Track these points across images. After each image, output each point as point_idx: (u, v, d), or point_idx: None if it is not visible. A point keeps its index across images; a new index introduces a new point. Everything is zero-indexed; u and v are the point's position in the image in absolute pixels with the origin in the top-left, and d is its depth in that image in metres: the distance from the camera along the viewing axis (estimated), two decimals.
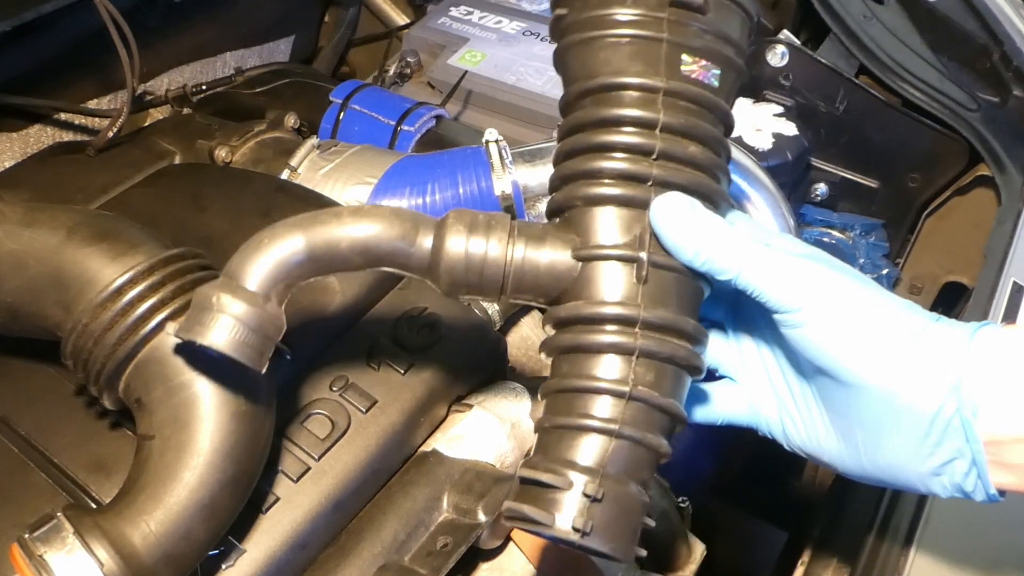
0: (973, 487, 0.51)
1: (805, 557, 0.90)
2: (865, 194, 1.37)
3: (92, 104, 1.17)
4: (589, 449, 0.50)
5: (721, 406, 0.61)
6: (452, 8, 1.44)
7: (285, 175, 0.95)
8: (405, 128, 1.08)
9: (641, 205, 0.52)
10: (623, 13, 0.53)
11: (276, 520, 0.65)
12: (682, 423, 0.53)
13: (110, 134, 1.01)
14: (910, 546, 0.74)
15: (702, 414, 0.62)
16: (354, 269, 0.55)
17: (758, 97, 1.31)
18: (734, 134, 1.21)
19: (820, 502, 1.00)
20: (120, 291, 0.58)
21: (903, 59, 1.27)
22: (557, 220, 0.56)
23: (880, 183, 1.36)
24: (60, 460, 0.66)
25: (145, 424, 0.58)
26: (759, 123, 1.24)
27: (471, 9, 1.44)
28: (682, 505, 0.86)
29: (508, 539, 0.74)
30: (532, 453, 0.53)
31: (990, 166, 1.20)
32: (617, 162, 0.53)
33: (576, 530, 0.49)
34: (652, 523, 0.52)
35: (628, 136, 0.52)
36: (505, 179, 0.89)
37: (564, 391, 0.52)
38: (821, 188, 1.38)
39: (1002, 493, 0.52)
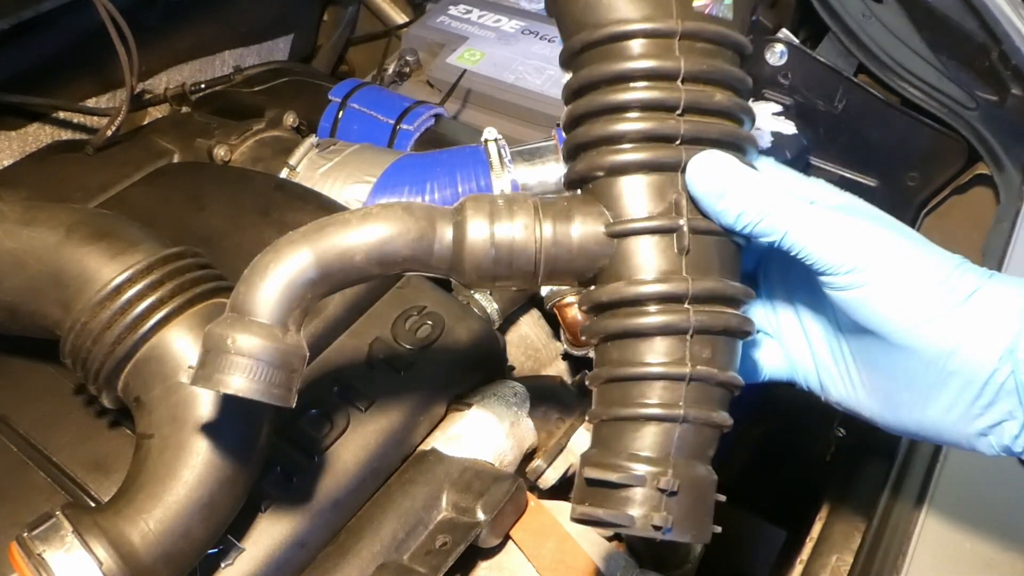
0: (1022, 447, 0.49)
1: (804, 555, 0.90)
2: (864, 193, 1.36)
3: (91, 103, 1.17)
4: (654, 439, 0.47)
5: (763, 362, 0.59)
6: (451, 7, 1.44)
7: (284, 174, 0.95)
8: (404, 127, 1.08)
9: (672, 168, 0.48)
10: None
11: (275, 519, 0.65)
12: (740, 389, 0.50)
13: (109, 133, 1.01)
14: (909, 545, 0.74)
15: (745, 372, 0.57)
16: (374, 279, 0.51)
17: (757, 96, 1.31)
18: None
19: (819, 501, 1.00)
20: (119, 290, 0.58)
21: (902, 58, 1.27)
22: (579, 192, 0.51)
23: (879, 182, 1.36)
24: (59, 459, 0.66)
25: (144, 423, 0.58)
26: (758, 122, 1.24)
27: (470, 8, 1.43)
28: None
29: (507, 538, 0.74)
30: (591, 447, 0.50)
31: (989, 165, 1.20)
32: (640, 122, 0.48)
33: (656, 527, 0.46)
34: (723, 498, 0.49)
35: (648, 92, 0.47)
36: (504, 178, 0.89)
37: (617, 379, 0.49)
38: None
39: None
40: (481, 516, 0.69)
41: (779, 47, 1.31)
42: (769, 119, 1.25)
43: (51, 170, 1.02)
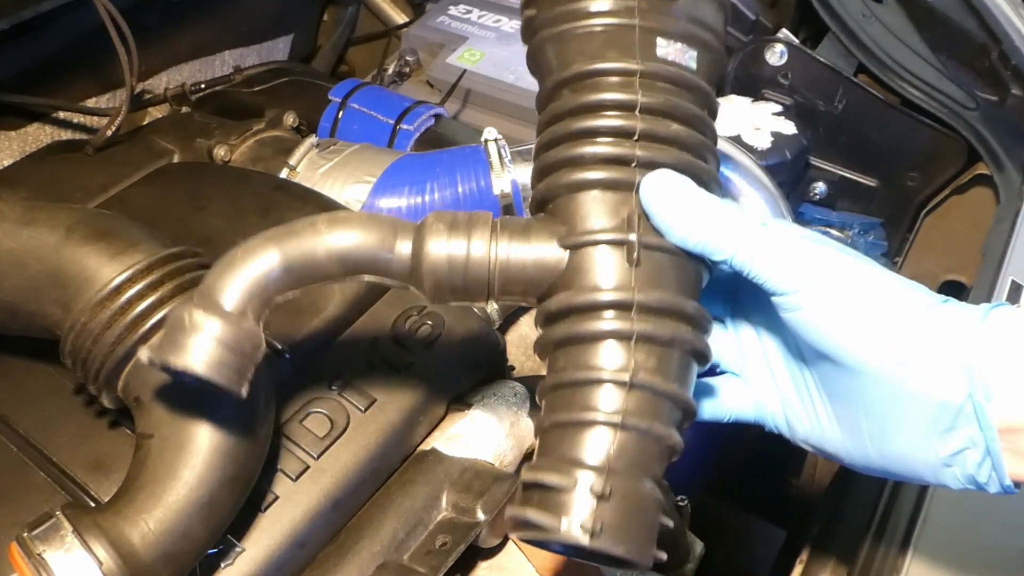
0: (987, 478, 0.48)
1: (804, 556, 0.90)
2: (864, 193, 1.37)
3: (91, 103, 1.16)
4: (593, 444, 0.47)
5: (727, 402, 0.59)
6: (451, 7, 1.44)
7: (284, 174, 0.95)
8: (404, 127, 1.08)
9: (627, 187, 0.50)
10: (594, 4, 0.52)
11: (275, 519, 0.65)
12: (691, 413, 0.50)
13: (109, 133, 1.01)
14: (908, 545, 0.74)
15: (709, 411, 0.59)
16: (335, 280, 0.52)
17: (757, 96, 1.31)
18: (732, 133, 1.22)
19: (819, 501, 1.00)
20: (119, 290, 0.58)
21: (902, 58, 1.27)
22: (542, 214, 0.53)
23: (879, 182, 1.36)
24: (59, 459, 0.66)
25: (144, 423, 0.58)
26: (758, 122, 1.24)
27: (470, 8, 1.44)
28: (681, 504, 0.86)
29: (507, 538, 0.74)
30: (535, 457, 0.50)
31: (988, 165, 1.20)
32: (598, 146, 0.51)
33: (585, 531, 0.45)
34: (670, 523, 0.48)
35: (607, 119, 0.51)
36: (504, 178, 0.89)
37: (561, 386, 0.49)
38: (820, 187, 1.38)
39: (1018, 485, 0.48)
40: (481, 516, 0.69)
41: (779, 47, 1.31)
42: (769, 119, 1.25)
43: (51, 170, 1.02)
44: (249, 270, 0.51)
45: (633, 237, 0.49)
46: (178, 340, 0.49)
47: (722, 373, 0.61)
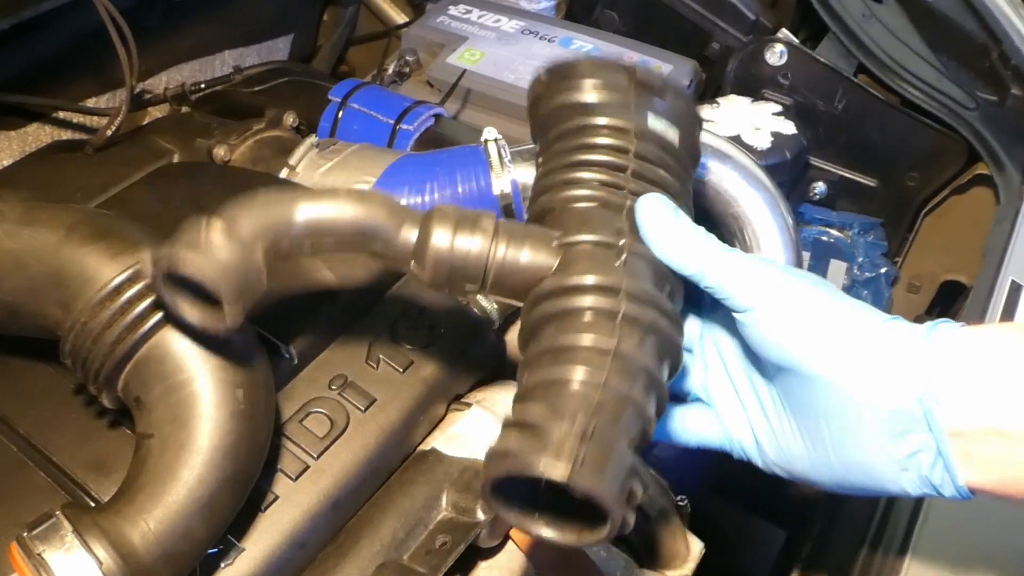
0: (941, 480, 0.51)
1: (804, 556, 0.90)
2: (864, 193, 1.37)
3: (91, 103, 1.16)
4: (577, 397, 0.49)
5: (693, 427, 0.62)
6: (451, 7, 1.44)
7: (284, 174, 0.95)
8: (404, 127, 1.08)
9: (618, 208, 0.56)
10: (593, 96, 0.61)
11: (275, 519, 0.65)
12: (664, 402, 0.53)
13: (109, 132, 1.01)
14: (908, 545, 0.74)
15: (674, 434, 0.62)
16: (341, 246, 0.55)
17: (757, 96, 1.31)
18: (732, 133, 1.22)
19: (818, 501, 1.00)
20: (119, 290, 0.58)
21: (902, 58, 1.27)
22: (539, 224, 0.58)
23: (879, 182, 1.37)
24: (59, 459, 0.66)
25: (144, 423, 0.58)
26: (758, 122, 1.24)
27: (470, 8, 1.44)
28: (681, 504, 0.86)
29: (507, 538, 0.74)
30: (513, 412, 0.51)
31: (989, 165, 1.20)
32: (596, 173, 0.58)
33: (567, 462, 0.45)
34: (641, 492, 0.49)
35: (605, 155, 0.58)
36: (504, 178, 0.89)
37: (548, 352, 0.52)
38: (820, 187, 1.38)
39: (973, 492, 0.51)
40: (481, 516, 0.69)
41: (779, 47, 1.32)
42: (769, 119, 1.25)
43: (51, 170, 1.02)
44: (268, 208, 0.53)
45: (623, 242, 0.54)
46: (186, 247, 0.51)
47: (690, 401, 0.64)
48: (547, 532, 0.49)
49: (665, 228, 0.55)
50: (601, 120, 0.59)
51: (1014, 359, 0.49)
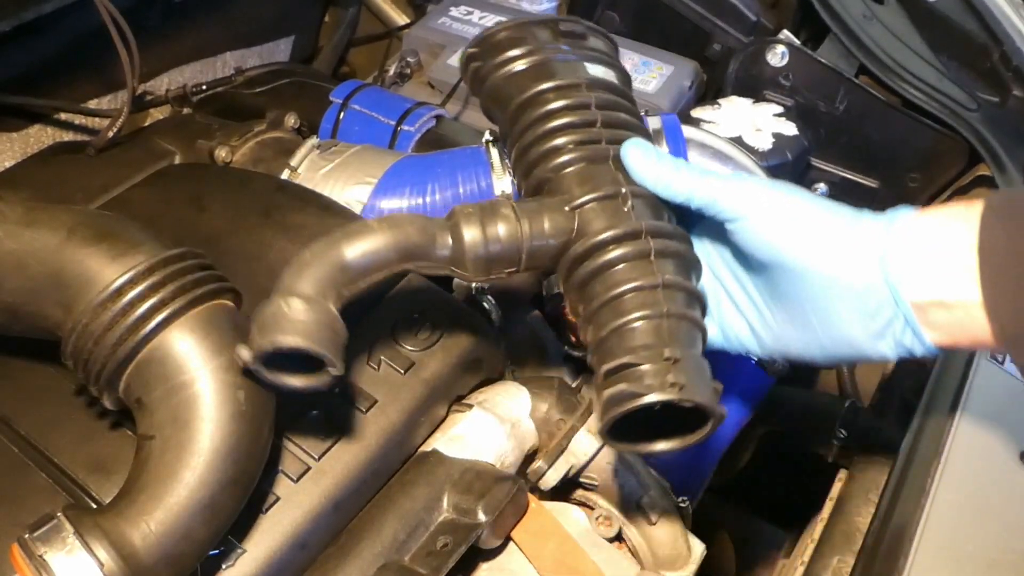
0: (912, 343, 0.60)
1: (805, 557, 0.90)
2: (865, 194, 1.37)
3: (92, 104, 1.16)
4: (651, 332, 0.58)
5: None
6: (452, 8, 1.44)
7: (285, 175, 0.95)
8: (405, 128, 1.08)
9: (603, 158, 0.64)
10: (529, 46, 0.68)
11: (276, 520, 0.65)
12: (705, 304, 0.64)
13: (110, 134, 1.01)
14: (909, 546, 0.74)
15: None
16: (391, 270, 0.60)
17: (758, 97, 1.31)
18: (733, 134, 1.22)
19: (820, 502, 1.00)
20: (120, 291, 0.58)
21: (903, 59, 1.27)
22: (539, 196, 0.65)
23: (880, 183, 1.36)
24: (60, 460, 0.66)
25: (145, 424, 0.58)
26: (759, 123, 1.24)
27: (471, 9, 1.44)
28: (682, 505, 0.86)
29: (508, 539, 0.74)
30: (598, 361, 0.60)
31: (990, 166, 1.20)
32: (573, 135, 0.64)
33: (673, 387, 0.55)
34: (720, 386, 0.58)
35: (574, 115, 0.65)
36: (505, 179, 0.89)
37: (605, 304, 0.60)
38: (821, 188, 1.38)
39: (941, 348, 0.61)
40: (482, 517, 0.69)
41: (780, 48, 1.31)
42: (770, 120, 1.25)
43: (52, 171, 1.02)
44: (320, 264, 0.58)
45: (624, 190, 0.62)
46: (278, 323, 0.54)
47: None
48: (663, 446, 0.60)
49: (651, 167, 0.63)
50: (552, 84, 0.66)
51: (954, 239, 0.58)
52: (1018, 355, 0.59)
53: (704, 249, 0.69)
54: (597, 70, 0.68)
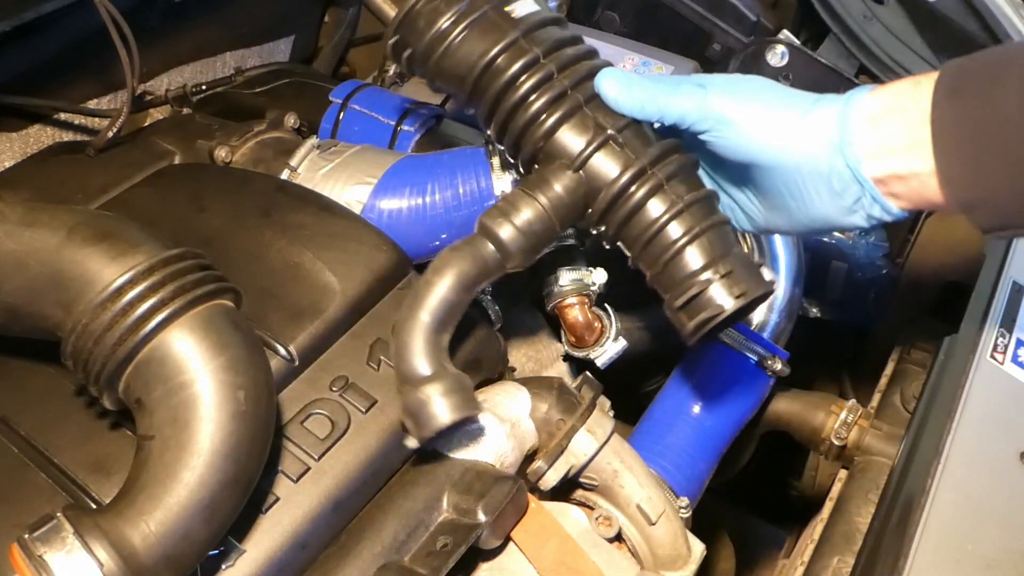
0: (882, 213, 0.68)
1: (805, 557, 0.90)
2: None
3: (92, 104, 1.16)
4: (696, 255, 0.68)
5: None
6: None
7: (285, 175, 0.95)
8: (405, 128, 1.08)
9: (577, 107, 0.69)
10: (451, 17, 0.71)
11: (276, 520, 0.65)
12: (718, 198, 0.73)
13: (110, 134, 1.01)
14: (910, 546, 0.74)
15: None
16: (466, 305, 0.69)
17: None
18: None
19: (820, 502, 1.00)
20: (120, 291, 0.58)
21: (903, 59, 1.27)
22: (536, 166, 0.71)
23: None
24: (60, 460, 0.66)
25: (145, 424, 0.58)
26: None
27: None
28: (682, 506, 0.86)
29: (508, 539, 0.74)
30: (666, 293, 0.69)
31: None
32: (539, 99, 0.69)
33: (740, 297, 0.66)
34: (766, 266, 0.70)
35: (529, 80, 0.69)
36: (505, 178, 0.89)
37: (647, 243, 0.68)
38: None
39: (908, 212, 0.68)
40: (482, 517, 0.69)
41: (780, 48, 1.32)
42: None
43: (52, 171, 1.02)
44: (416, 340, 0.66)
45: (610, 131, 0.69)
46: (429, 413, 0.64)
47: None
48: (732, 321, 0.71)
49: (627, 99, 0.69)
50: (493, 51, 0.69)
51: (906, 114, 0.64)
52: (972, 218, 0.65)
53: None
54: (523, 7, 0.71)
